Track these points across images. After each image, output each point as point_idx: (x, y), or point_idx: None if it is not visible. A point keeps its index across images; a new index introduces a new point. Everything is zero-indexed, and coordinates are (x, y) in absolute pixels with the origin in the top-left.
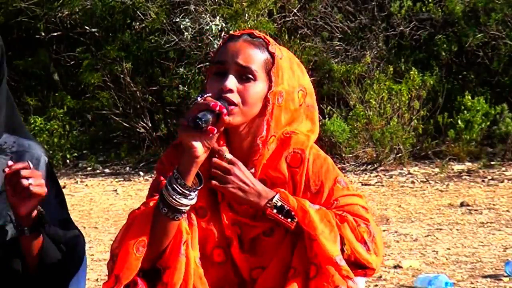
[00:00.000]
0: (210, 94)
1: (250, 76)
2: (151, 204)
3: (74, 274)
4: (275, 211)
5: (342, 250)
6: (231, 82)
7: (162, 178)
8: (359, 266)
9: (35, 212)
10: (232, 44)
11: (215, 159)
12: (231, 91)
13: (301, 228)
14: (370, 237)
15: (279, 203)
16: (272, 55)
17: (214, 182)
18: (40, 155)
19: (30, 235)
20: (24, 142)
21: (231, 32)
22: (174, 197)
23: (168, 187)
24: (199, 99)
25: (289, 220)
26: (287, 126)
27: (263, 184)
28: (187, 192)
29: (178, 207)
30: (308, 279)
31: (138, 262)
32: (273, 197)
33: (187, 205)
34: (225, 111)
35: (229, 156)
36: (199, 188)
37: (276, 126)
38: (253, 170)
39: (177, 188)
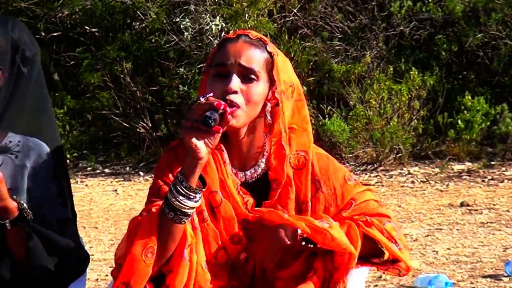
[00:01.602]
0: (212, 94)
1: (253, 76)
2: (154, 210)
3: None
4: (303, 243)
5: (382, 254)
6: (236, 83)
7: (160, 183)
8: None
9: (14, 205)
10: (232, 46)
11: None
12: (236, 92)
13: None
14: (398, 234)
15: (304, 236)
16: (270, 54)
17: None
18: (43, 152)
19: (13, 229)
20: (29, 140)
21: (226, 34)
22: (179, 199)
23: (173, 190)
24: (202, 99)
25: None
26: (287, 123)
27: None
28: (192, 194)
29: (184, 210)
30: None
31: (149, 268)
32: (295, 232)
33: (192, 207)
34: (229, 109)
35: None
36: (203, 189)
37: (282, 123)
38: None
39: (181, 191)
